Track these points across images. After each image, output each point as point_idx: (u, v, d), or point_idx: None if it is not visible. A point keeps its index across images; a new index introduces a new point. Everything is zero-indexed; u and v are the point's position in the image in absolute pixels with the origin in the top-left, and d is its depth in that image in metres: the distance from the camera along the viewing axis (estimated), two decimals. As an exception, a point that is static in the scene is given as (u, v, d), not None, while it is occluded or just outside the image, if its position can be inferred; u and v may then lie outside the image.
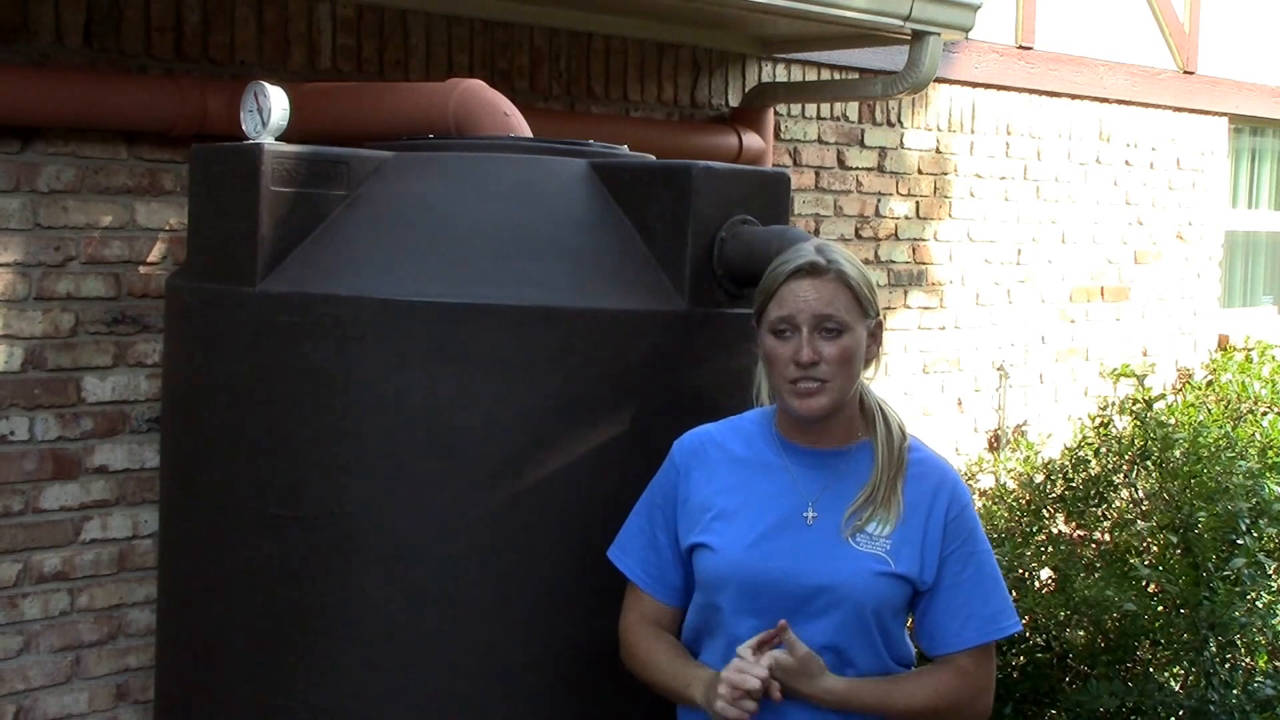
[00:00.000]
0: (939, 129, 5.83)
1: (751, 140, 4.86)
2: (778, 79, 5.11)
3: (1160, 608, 4.30)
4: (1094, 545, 4.70)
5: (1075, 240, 6.49)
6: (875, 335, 2.47)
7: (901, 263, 5.70)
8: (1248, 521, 4.28)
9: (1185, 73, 7.01)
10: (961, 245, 5.95)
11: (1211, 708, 4.04)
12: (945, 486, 2.46)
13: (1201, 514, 4.31)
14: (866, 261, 5.53)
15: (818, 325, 2.39)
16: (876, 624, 2.41)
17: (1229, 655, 4.25)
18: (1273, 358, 6.83)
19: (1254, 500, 4.37)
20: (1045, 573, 4.62)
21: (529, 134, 3.23)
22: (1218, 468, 4.52)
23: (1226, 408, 6.00)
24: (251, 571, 2.79)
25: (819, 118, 5.33)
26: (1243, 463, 4.57)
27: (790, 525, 2.43)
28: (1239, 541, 4.26)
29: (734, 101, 4.95)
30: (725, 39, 4.88)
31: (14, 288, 3.47)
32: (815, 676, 2.35)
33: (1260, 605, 4.28)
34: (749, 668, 2.31)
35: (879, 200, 5.59)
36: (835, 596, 2.38)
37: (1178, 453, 4.64)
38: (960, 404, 6.01)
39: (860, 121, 5.49)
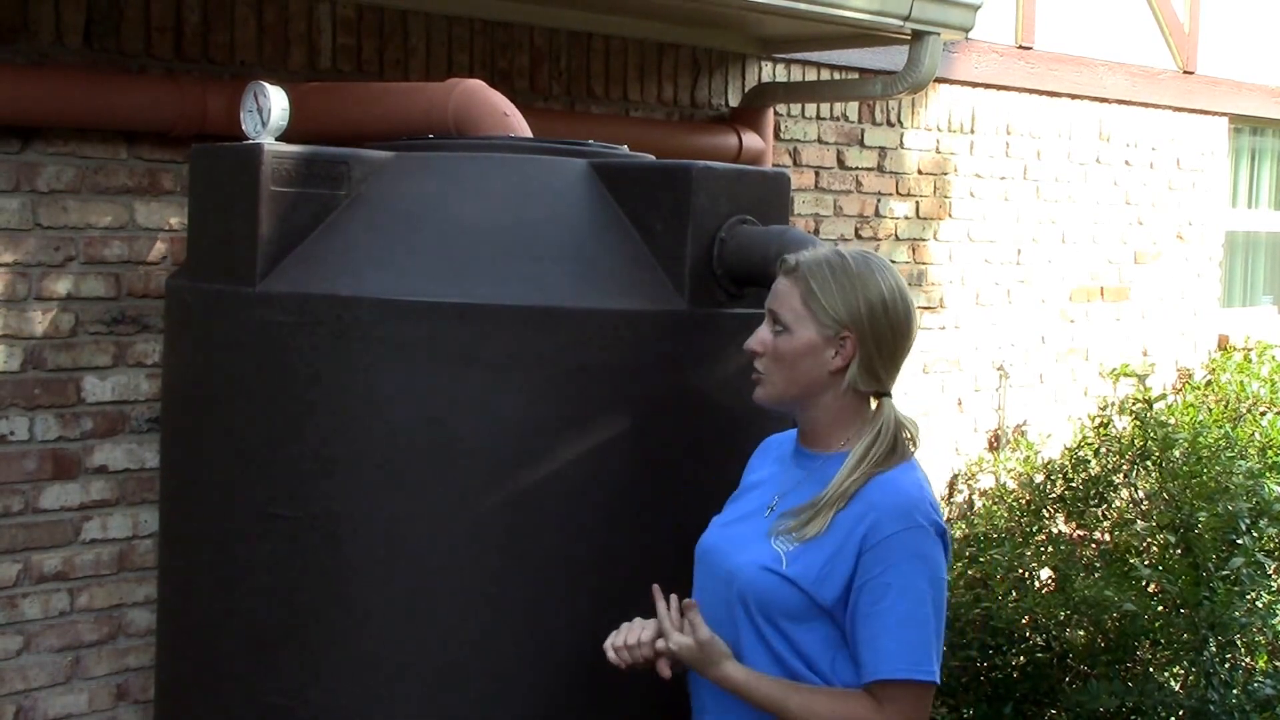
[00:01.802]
0: (939, 129, 5.83)
1: (751, 140, 4.86)
2: (778, 79, 5.11)
3: (1160, 608, 4.30)
4: (1094, 545, 4.70)
5: (1075, 240, 6.49)
6: (842, 347, 2.42)
7: (901, 263, 5.70)
8: (1248, 521, 4.29)
9: (1185, 73, 7.01)
10: (961, 245, 5.95)
11: (1211, 708, 4.04)
12: (875, 511, 2.34)
13: (1201, 514, 4.32)
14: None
15: (770, 318, 2.49)
16: (765, 619, 2.38)
17: (1229, 655, 4.25)
18: (1273, 358, 6.83)
19: (1254, 500, 4.38)
20: (1045, 573, 4.62)
21: (529, 134, 3.23)
22: (1218, 468, 4.52)
23: (1226, 408, 6.00)
24: (251, 571, 2.79)
25: (819, 118, 5.33)
26: (1243, 463, 4.58)
27: (753, 515, 2.51)
28: (1239, 541, 4.26)
29: (734, 101, 4.95)
30: (725, 39, 4.88)
31: (14, 288, 3.47)
32: (715, 662, 2.39)
33: (1260, 605, 4.28)
34: (640, 633, 2.44)
35: (879, 200, 5.59)
36: (730, 582, 2.43)
37: (1178, 453, 4.65)
38: (960, 404, 6.01)
39: (860, 121, 5.49)
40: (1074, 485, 4.83)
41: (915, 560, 2.33)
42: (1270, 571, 4.32)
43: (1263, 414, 5.88)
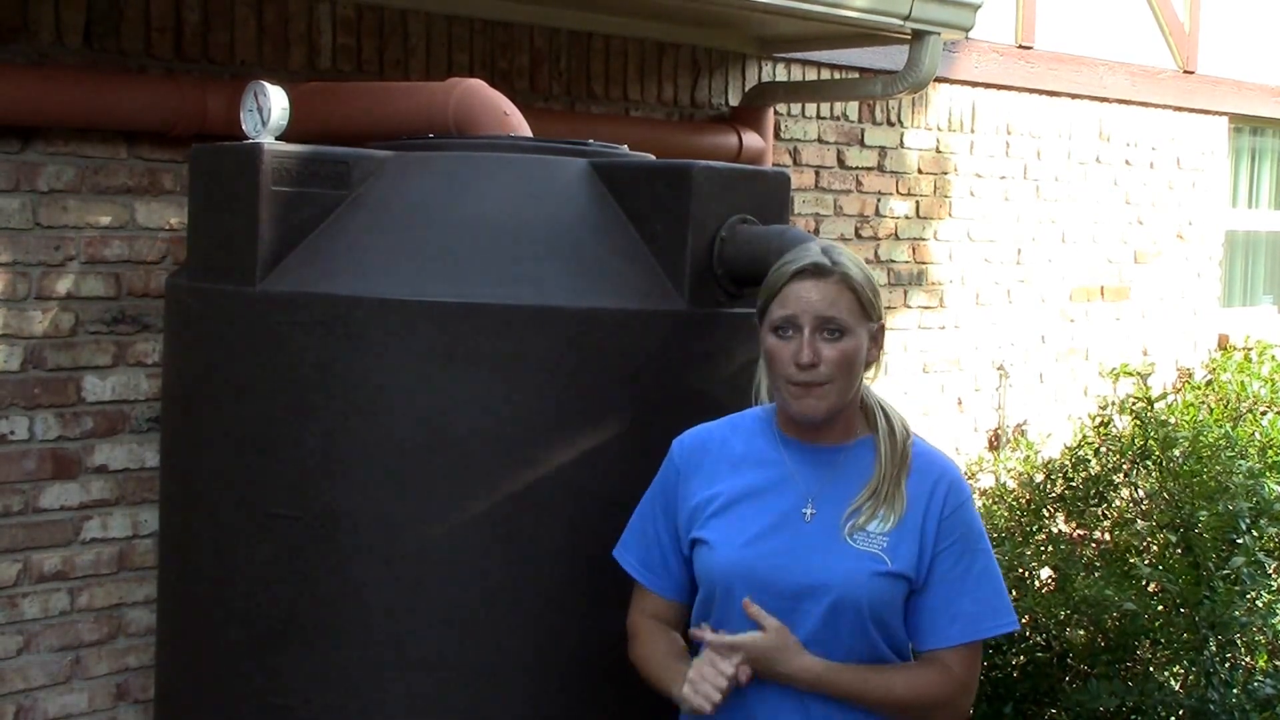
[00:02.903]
0: (939, 129, 5.83)
1: (751, 140, 4.86)
2: (778, 79, 5.11)
3: (1160, 607, 4.30)
4: (1094, 545, 4.70)
5: (1075, 240, 6.49)
6: (876, 338, 2.48)
7: (901, 262, 5.70)
8: (1248, 521, 4.28)
9: (1185, 72, 7.01)
10: (961, 245, 5.95)
11: (1211, 707, 4.04)
12: (944, 481, 2.47)
13: (1202, 513, 4.31)
14: (867, 261, 5.52)
15: (820, 326, 2.40)
16: (874, 622, 2.40)
17: (1229, 655, 4.25)
18: (1273, 357, 6.83)
19: (1254, 500, 4.37)
20: (1045, 572, 4.62)
21: (529, 134, 3.23)
22: (1218, 467, 4.52)
23: (1226, 408, 6.00)
24: (252, 571, 2.79)
25: (819, 117, 5.33)
26: (1243, 462, 4.58)
27: (788, 522, 2.44)
28: (1239, 541, 4.26)
29: (734, 101, 4.95)
30: (725, 39, 4.88)
31: (14, 288, 3.47)
32: (792, 653, 2.34)
33: (1260, 605, 4.28)
34: (718, 663, 2.33)
35: (879, 200, 5.59)
36: (830, 595, 2.38)
37: (1178, 452, 4.64)
38: (960, 404, 6.01)
39: (860, 121, 5.49)
40: (1074, 485, 4.82)
41: (977, 523, 2.49)
42: (1270, 571, 4.32)
43: (1263, 414, 5.87)
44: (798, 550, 2.41)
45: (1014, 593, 4.45)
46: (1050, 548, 4.54)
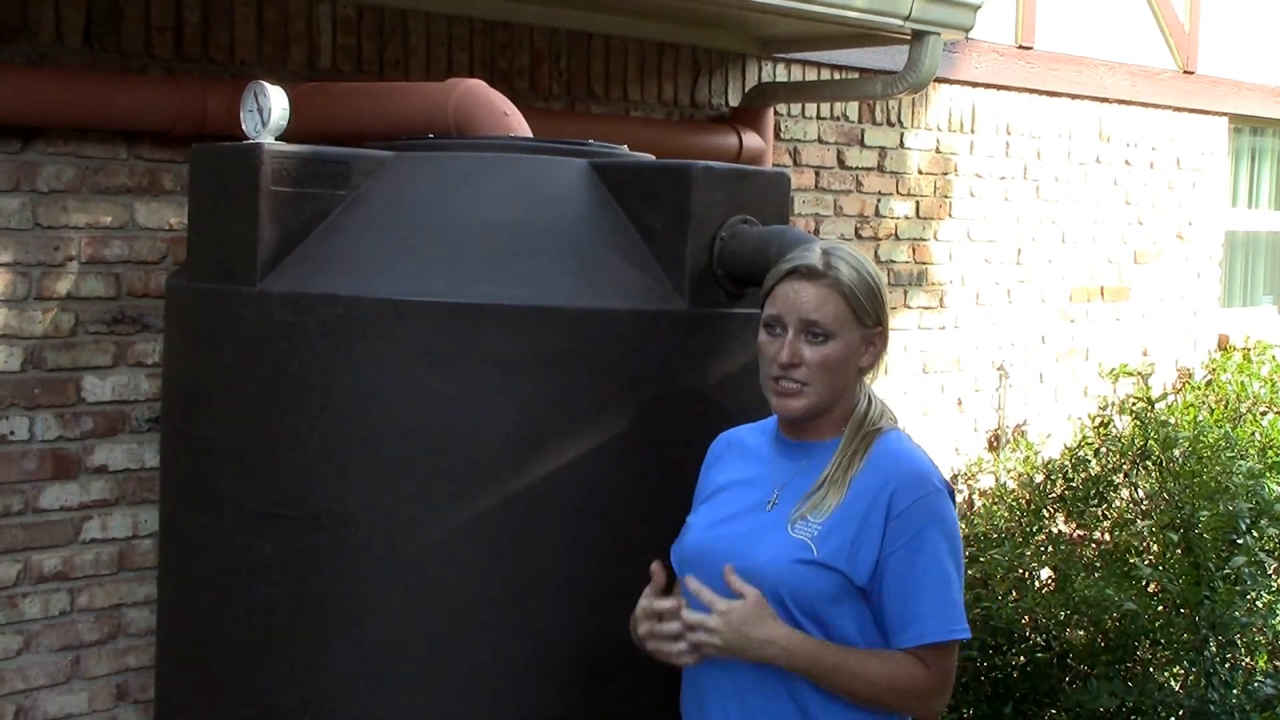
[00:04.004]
0: (939, 129, 5.83)
1: (751, 140, 4.86)
2: (778, 79, 5.11)
3: (1160, 607, 4.30)
4: (1094, 545, 4.71)
5: (1075, 240, 6.49)
6: (873, 344, 2.48)
7: (901, 263, 5.70)
8: (1248, 521, 4.29)
9: (1185, 73, 7.01)
10: (961, 245, 5.95)
11: (1211, 707, 4.04)
12: (894, 480, 2.40)
13: (1202, 513, 4.32)
14: (866, 261, 5.52)
15: (804, 328, 2.42)
16: (804, 613, 2.38)
17: (1229, 655, 4.25)
18: (1273, 357, 6.83)
19: (1254, 500, 4.38)
20: (1045, 573, 4.63)
21: (529, 134, 3.23)
22: (1218, 467, 4.52)
23: (1226, 408, 6.00)
24: (251, 571, 2.79)
25: (819, 117, 5.33)
26: (1243, 463, 4.58)
27: (752, 510, 2.48)
28: (1239, 541, 4.27)
29: (734, 101, 4.95)
30: (725, 39, 4.88)
31: (14, 288, 3.47)
32: (767, 619, 2.33)
33: (1260, 605, 4.29)
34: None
35: (879, 200, 5.59)
36: (756, 581, 2.38)
37: (1178, 452, 4.65)
38: (960, 404, 6.01)
39: (860, 121, 5.49)
40: (1074, 485, 4.83)
41: (938, 524, 2.40)
42: (1271, 571, 4.33)
43: (1263, 414, 5.88)
44: (748, 536, 2.45)
45: (1014, 593, 4.46)
46: (1050, 548, 4.54)
